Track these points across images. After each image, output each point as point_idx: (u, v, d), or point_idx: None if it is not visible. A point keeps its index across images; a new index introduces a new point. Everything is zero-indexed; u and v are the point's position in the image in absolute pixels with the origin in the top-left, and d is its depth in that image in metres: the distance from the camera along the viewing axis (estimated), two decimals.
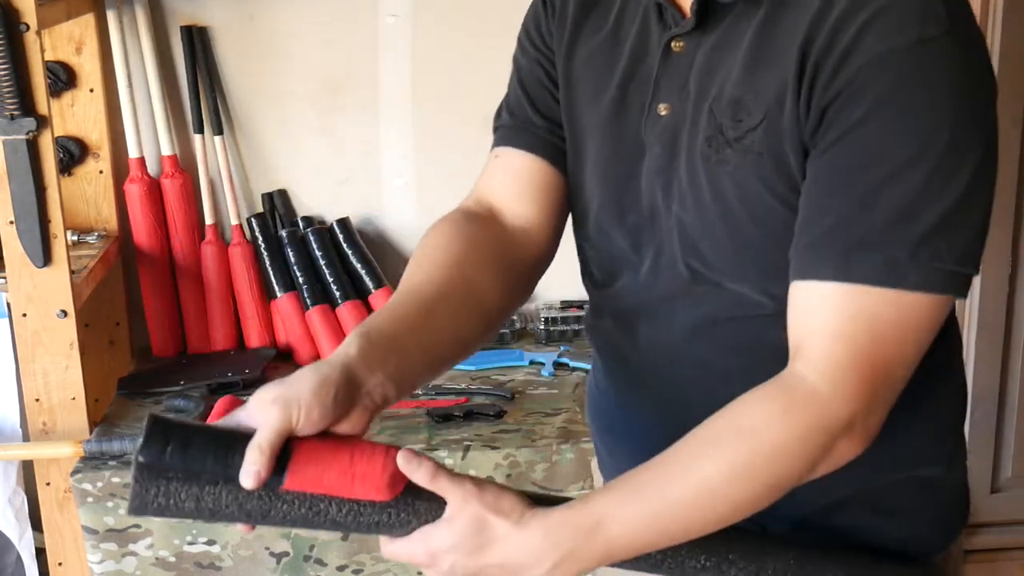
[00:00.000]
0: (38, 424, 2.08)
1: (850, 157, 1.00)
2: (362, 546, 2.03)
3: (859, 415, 1.00)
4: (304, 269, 2.43)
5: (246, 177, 2.52)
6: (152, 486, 1.02)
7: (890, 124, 0.99)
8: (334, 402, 1.02)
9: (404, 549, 1.05)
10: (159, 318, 2.46)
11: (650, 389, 1.21)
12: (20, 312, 2.03)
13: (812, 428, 1.00)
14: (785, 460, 1.01)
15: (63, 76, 2.35)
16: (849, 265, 1.00)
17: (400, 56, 2.48)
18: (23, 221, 1.97)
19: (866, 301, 0.99)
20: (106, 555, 2.00)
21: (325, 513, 1.03)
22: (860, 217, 1.00)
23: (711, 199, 1.09)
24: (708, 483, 1.01)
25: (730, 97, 1.07)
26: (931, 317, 1.02)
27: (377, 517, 1.04)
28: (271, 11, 2.44)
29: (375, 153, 2.53)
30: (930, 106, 0.99)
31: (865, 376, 1.00)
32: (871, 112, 0.99)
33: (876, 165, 0.99)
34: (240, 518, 1.03)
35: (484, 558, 1.03)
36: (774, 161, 1.05)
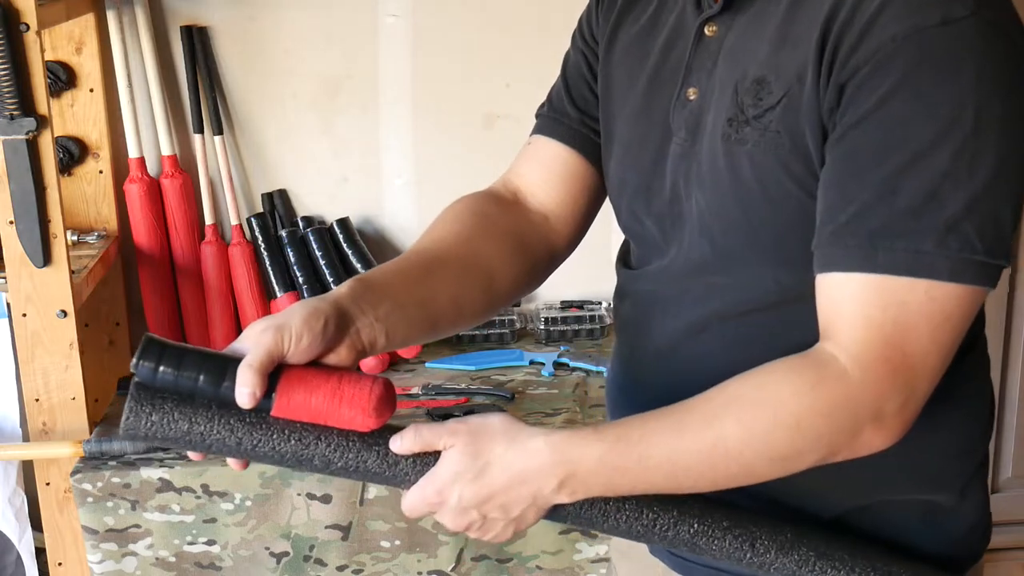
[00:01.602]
0: (38, 424, 2.08)
1: (870, 140, 0.98)
2: (362, 546, 2.03)
3: (889, 403, 0.99)
4: (304, 269, 2.43)
5: (246, 177, 2.52)
6: (147, 404, 1.04)
7: (911, 105, 0.96)
8: (323, 332, 1.04)
9: (415, 496, 1.06)
10: (159, 318, 2.46)
11: (653, 381, 1.20)
12: (20, 312, 2.03)
13: (838, 407, 0.99)
14: (805, 435, 1.00)
15: (63, 76, 2.35)
16: (876, 255, 0.97)
17: (400, 56, 2.48)
18: (23, 221, 1.97)
19: (896, 291, 0.97)
20: (106, 555, 2.00)
21: (315, 447, 1.04)
22: (883, 203, 0.97)
23: (728, 180, 1.07)
24: (724, 442, 1.00)
25: (754, 77, 1.05)
26: (963, 308, 0.99)
27: (366, 455, 1.05)
28: (271, 11, 2.44)
29: (375, 153, 2.53)
30: (953, 87, 0.96)
31: (896, 364, 0.98)
32: (891, 92, 0.96)
33: (897, 148, 0.97)
34: (231, 446, 1.05)
35: (487, 482, 1.03)
36: (791, 140, 1.03)
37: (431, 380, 2.26)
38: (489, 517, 1.06)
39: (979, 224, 0.97)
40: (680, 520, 1.09)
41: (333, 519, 2.02)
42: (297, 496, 2.00)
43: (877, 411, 0.99)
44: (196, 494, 1.99)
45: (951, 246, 0.96)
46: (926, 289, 0.97)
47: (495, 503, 1.04)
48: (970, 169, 0.96)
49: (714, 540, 1.09)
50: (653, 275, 1.19)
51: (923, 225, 0.96)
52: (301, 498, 2.00)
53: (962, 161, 0.96)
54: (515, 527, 1.07)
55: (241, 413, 1.04)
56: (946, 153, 0.96)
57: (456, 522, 1.07)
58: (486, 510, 1.05)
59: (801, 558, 1.09)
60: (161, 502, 1.99)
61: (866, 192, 0.98)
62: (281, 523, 2.01)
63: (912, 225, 0.97)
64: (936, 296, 0.97)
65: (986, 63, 0.96)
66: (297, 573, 2.04)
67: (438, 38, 2.48)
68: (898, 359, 0.98)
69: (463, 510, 1.05)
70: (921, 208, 0.96)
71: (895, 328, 0.97)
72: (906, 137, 0.96)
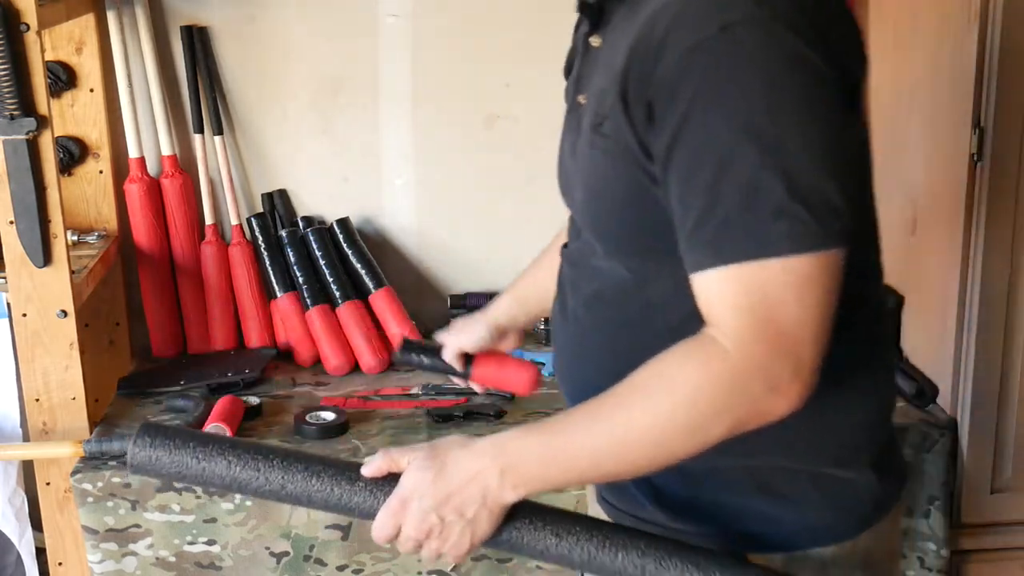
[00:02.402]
0: (38, 424, 2.08)
1: (686, 154, 1.08)
2: (362, 546, 2.03)
3: (777, 372, 1.08)
4: (304, 269, 2.43)
5: (246, 177, 2.52)
6: (151, 440, 1.26)
7: (709, 114, 1.06)
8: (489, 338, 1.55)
9: (382, 516, 1.18)
10: (159, 318, 2.46)
11: (565, 347, 1.34)
12: (20, 312, 2.03)
13: (728, 382, 1.09)
14: (704, 409, 1.09)
15: (63, 76, 2.35)
16: (723, 250, 1.07)
17: (400, 56, 2.48)
18: (23, 221, 1.97)
19: (752, 275, 1.07)
20: (106, 555, 2.00)
21: (302, 482, 1.20)
22: (716, 206, 1.07)
23: (586, 178, 1.22)
24: (634, 426, 1.11)
25: (601, 87, 1.17)
26: (819, 274, 1.07)
27: (341, 487, 1.20)
28: (271, 11, 2.44)
29: (375, 153, 2.53)
30: (743, 88, 1.05)
31: (771, 337, 1.07)
32: (691, 106, 1.06)
33: (710, 155, 1.06)
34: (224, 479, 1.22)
35: (445, 483, 1.15)
36: (618, 146, 1.14)
37: (431, 380, 2.26)
38: (447, 520, 1.16)
39: (804, 201, 1.05)
40: (606, 546, 1.19)
41: (333, 519, 2.02)
42: None
43: (768, 381, 1.08)
44: (196, 494, 1.99)
45: (782, 226, 1.05)
46: (779, 267, 1.06)
47: (451, 505, 1.15)
48: (778, 156, 1.05)
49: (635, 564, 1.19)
50: (567, 257, 1.35)
51: (755, 215, 1.06)
52: None
53: (769, 152, 1.05)
54: (471, 533, 1.16)
55: (235, 451, 1.20)
56: (754, 149, 1.05)
57: (418, 528, 1.16)
58: (444, 512, 1.16)
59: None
60: (161, 502, 1.99)
61: (699, 200, 1.08)
62: (281, 523, 2.01)
63: (745, 217, 1.06)
64: (790, 269, 1.06)
65: (769, 59, 1.05)
66: (297, 573, 2.04)
67: (438, 38, 2.48)
68: (772, 333, 1.07)
69: (424, 514, 1.16)
70: (748, 201, 1.06)
71: (762, 307, 1.07)
72: (714, 144, 1.06)
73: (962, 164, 2.04)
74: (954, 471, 2.11)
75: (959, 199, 2.06)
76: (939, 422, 2.11)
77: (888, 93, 2.37)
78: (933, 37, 2.14)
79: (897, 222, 2.35)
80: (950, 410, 2.13)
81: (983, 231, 2.01)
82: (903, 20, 2.27)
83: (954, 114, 2.06)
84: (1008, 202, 2.00)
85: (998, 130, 1.96)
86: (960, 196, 2.06)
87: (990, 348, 2.06)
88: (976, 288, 2.04)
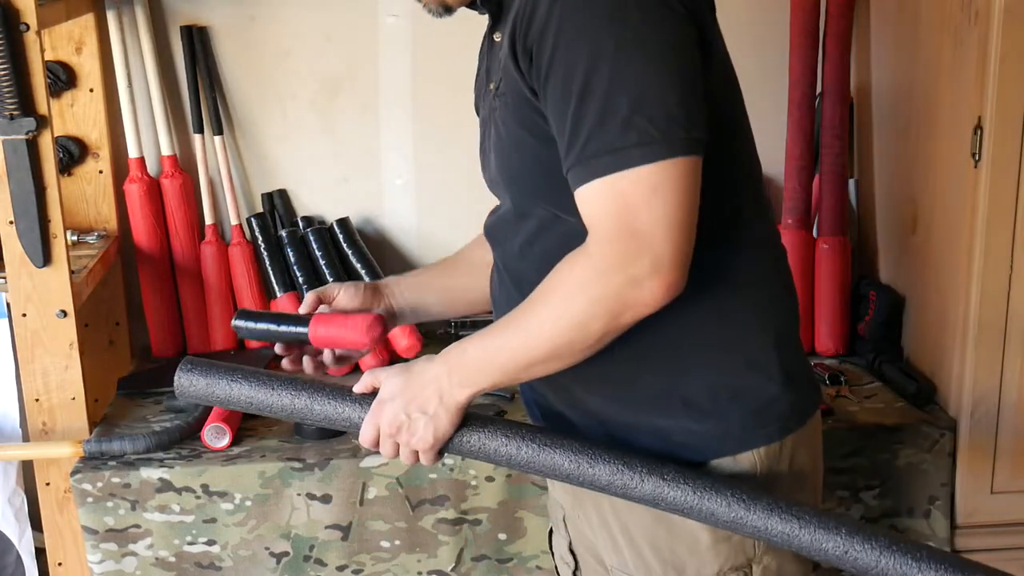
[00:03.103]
0: (38, 424, 2.08)
1: (554, 87, 1.28)
2: (362, 546, 2.03)
3: (635, 267, 1.26)
4: (304, 269, 2.43)
5: (246, 177, 2.53)
6: (194, 369, 1.52)
7: (567, 52, 1.26)
8: (358, 291, 1.59)
9: (366, 420, 1.42)
10: (159, 318, 2.47)
11: (505, 292, 1.51)
12: (20, 312, 2.03)
13: (593, 277, 1.28)
14: (579, 301, 1.29)
15: (63, 76, 2.35)
16: (588, 167, 1.27)
17: (400, 56, 2.48)
18: (23, 221, 1.97)
19: (611, 186, 1.26)
20: (106, 555, 2.00)
21: (307, 402, 1.45)
22: (579, 128, 1.26)
23: (496, 142, 1.43)
24: (538, 321, 1.33)
25: (500, 63, 1.40)
26: (671, 180, 1.25)
27: (341, 406, 1.44)
28: (271, 11, 2.44)
29: (375, 153, 2.53)
30: (588, 31, 1.25)
31: (624, 236, 1.26)
32: (554, 48, 1.27)
33: (570, 85, 1.26)
34: (249, 402, 1.47)
35: (408, 389, 1.40)
36: (515, 100, 1.36)
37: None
38: (412, 417, 1.40)
39: (649, 114, 1.24)
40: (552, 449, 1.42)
41: (333, 519, 2.02)
42: (297, 496, 2.00)
43: (628, 275, 1.26)
44: (196, 494, 1.99)
45: (631, 138, 1.24)
46: (630, 176, 1.25)
47: (415, 404, 1.40)
48: (623, 79, 1.24)
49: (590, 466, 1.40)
50: (494, 221, 1.53)
51: (608, 131, 1.25)
52: (301, 498, 2.00)
53: (616, 75, 1.24)
54: (433, 428, 1.39)
55: (258, 380, 1.47)
56: (603, 74, 1.25)
57: (391, 424, 1.40)
58: (410, 410, 1.40)
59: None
60: (161, 502, 1.99)
61: (567, 125, 1.28)
62: (281, 523, 2.01)
63: (601, 134, 1.25)
64: (641, 178, 1.25)
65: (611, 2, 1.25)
66: (297, 573, 2.04)
67: (438, 38, 2.47)
68: (627, 233, 1.26)
69: (395, 413, 1.40)
70: (602, 120, 1.25)
71: (619, 213, 1.26)
72: (572, 77, 1.26)
73: (962, 164, 2.04)
74: (954, 471, 2.11)
75: (959, 199, 2.06)
76: (939, 422, 2.11)
77: (888, 93, 2.37)
78: (933, 37, 2.14)
79: (897, 222, 2.35)
80: (950, 410, 2.13)
81: (983, 231, 2.01)
82: (903, 20, 2.27)
83: (954, 114, 2.07)
84: (1008, 202, 2.00)
85: (998, 130, 1.96)
86: (960, 196, 2.06)
87: (990, 348, 2.06)
88: (976, 288, 2.04)
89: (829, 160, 2.40)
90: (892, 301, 2.34)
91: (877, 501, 2.11)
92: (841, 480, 2.09)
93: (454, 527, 2.04)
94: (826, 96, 2.40)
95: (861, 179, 2.51)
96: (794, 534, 1.36)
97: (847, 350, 2.41)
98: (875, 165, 2.44)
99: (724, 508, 1.36)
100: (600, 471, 1.39)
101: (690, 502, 1.37)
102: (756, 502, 1.36)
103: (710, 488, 1.37)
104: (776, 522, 1.36)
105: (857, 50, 2.44)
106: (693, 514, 1.38)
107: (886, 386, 2.26)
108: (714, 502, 1.37)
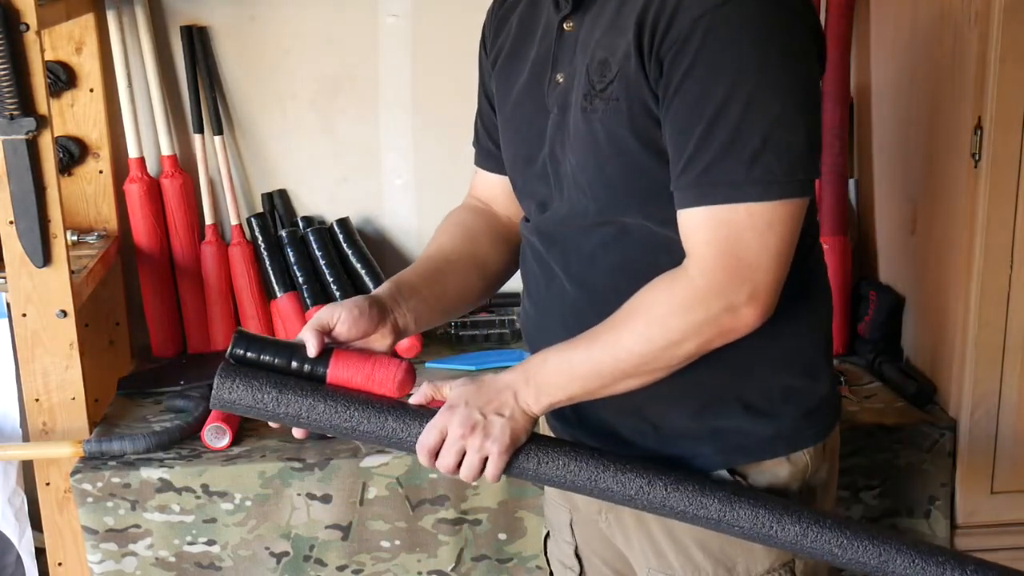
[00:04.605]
0: (38, 424, 2.08)
1: (685, 104, 1.27)
2: (362, 546, 2.03)
3: (734, 295, 1.28)
4: (304, 269, 2.43)
5: (246, 177, 2.52)
6: (233, 377, 1.40)
7: (707, 73, 1.25)
8: (361, 315, 1.43)
9: (428, 426, 1.37)
10: (159, 318, 2.46)
11: (563, 304, 1.47)
12: (20, 312, 2.03)
13: (690, 302, 1.29)
14: (672, 326, 1.30)
15: (63, 76, 2.35)
16: (703, 192, 1.27)
17: (400, 56, 2.48)
18: (23, 221, 1.97)
19: (723, 216, 1.27)
20: (106, 555, 2.00)
21: (357, 422, 1.38)
22: (702, 151, 1.26)
23: (588, 143, 1.36)
24: (623, 343, 1.32)
25: (598, 59, 1.34)
26: (781, 218, 1.27)
27: (395, 425, 1.38)
28: (271, 11, 2.44)
29: (375, 153, 2.53)
30: (735, 53, 1.24)
31: (730, 267, 1.27)
32: (692, 64, 1.25)
33: (703, 107, 1.25)
34: (292, 415, 1.38)
35: (483, 393, 1.37)
36: (628, 104, 1.31)
37: (431, 380, 2.25)
38: (489, 417, 1.36)
39: (776, 153, 1.25)
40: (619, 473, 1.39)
41: (333, 519, 2.02)
42: (297, 496, 2.00)
43: (727, 302, 1.28)
44: (196, 494, 1.99)
45: (756, 174, 1.25)
46: (746, 210, 1.26)
47: (492, 406, 1.36)
48: (758, 115, 1.24)
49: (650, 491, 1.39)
50: (545, 223, 1.48)
51: (733, 162, 1.25)
52: (301, 498, 2.00)
53: (753, 109, 1.24)
54: (511, 430, 1.36)
55: (302, 391, 1.37)
56: (739, 105, 1.24)
57: (464, 425, 1.35)
58: (486, 411, 1.36)
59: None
60: (161, 502, 1.99)
61: (690, 144, 1.27)
62: (281, 523, 2.01)
63: (725, 164, 1.25)
64: (754, 213, 1.26)
65: (761, 29, 1.24)
66: (297, 573, 2.04)
67: (438, 38, 2.48)
68: (733, 263, 1.27)
69: (469, 413, 1.36)
70: (728, 149, 1.25)
71: (727, 242, 1.27)
72: (707, 98, 1.25)
73: (962, 164, 2.04)
74: (954, 471, 2.11)
75: (959, 199, 2.06)
76: (939, 422, 2.11)
77: (888, 93, 2.37)
78: (933, 37, 2.14)
79: (897, 222, 2.35)
80: (950, 410, 2.13)
81: (983, 231, 2.01)
82: (903, 20, 2.27)
83: (954, 114, 2.06)
84: (1008, 202, 2.00)
85: (998, 130, 1.96)
86: (960, 196, 2.06)
87: (990, 348, 2.06)
88: (976, 288, 2.04)
89: (829, 160, 2.40)
90: (892, 301, 2.34)
91: (877, 501, 2.11)
92: (841, 480, 2.07)
93: (454, 527, 2.04)
94: (826, 96, 2.40)
95: (861, 179, 2.51)
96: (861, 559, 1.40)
97: (847, 350, 2.41)
98: (875, 165, 2.44)
99: (798, 532, 1.38)
100: (672, 497, 1.39)
101: (758, 528, 1.38)
102: (823, 525, 1.39)
103: (781, 512, 1.38)
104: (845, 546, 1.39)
105: (857, 50, 2.44)
106: (760, 539, 1.40)
107: (886, 386, 2.26)
108: (786, 526, 1.38)
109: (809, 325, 1.45)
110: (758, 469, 1.44)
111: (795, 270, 1.35)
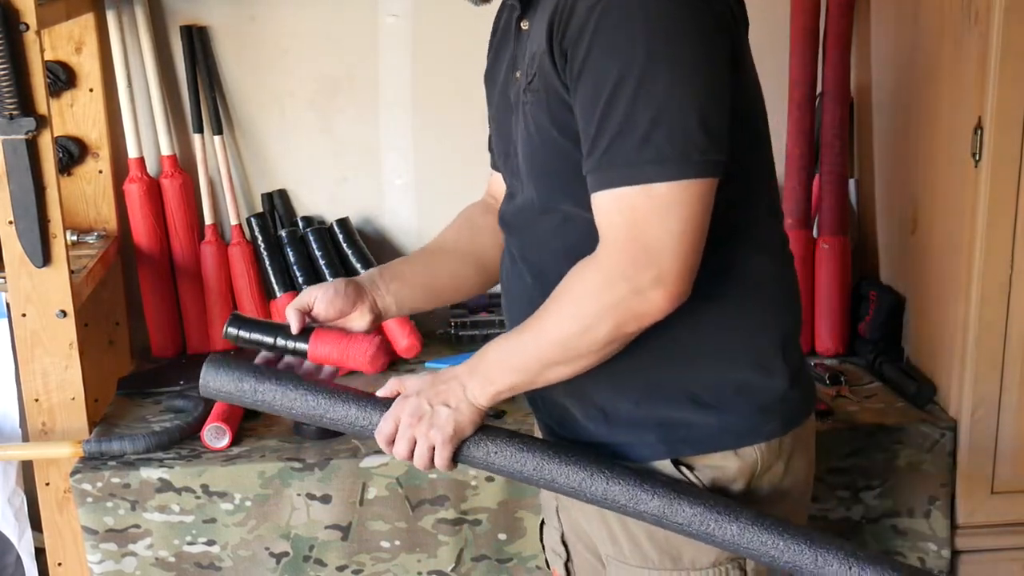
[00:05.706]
0: (38, 424, 2.08)
1: (584, 91, 1.30)
2: (362, 546, 2.03)
3: (640, 278, 1.30)
4: (304, 269, 2.43)
5: (246, 177, 2.52)
6: (219, 367, 1.47)
7: (600, 58, 1.28)
8: (337, 295, 1.53)
9: (386, 415, 1.43)
10: (159, 318, 2.46)
11: (523, 292, 1.52)
12: (19, 312, 2.03)
13: (599, 286, 1.32)
14: (585, 309, 1.33)
15: (63, 76, 2.35)
16: (604, 176, 1.30)
17: (400, 56, 2.48)
18: (22, 221, 1.97)
19: (624, 198, 1.29)
20: (106, 555, 2.00)
21: (324, 410, 1.45)
22: (601, 135, 1.29)
23: (525, 135, 1.43)
24: (544, 329, 1.37)
25: (531, 53, 1.40)
26: (683, 199, 1.28)
27: (358, 413, 1.44)
28: (271, 11, 2.44)
29: (375, 153, 2.53)
30: (623, 40, 1.27)
31: (633, 249, 1.29)
32: (588, 52, 1.29)
33: (599, 92, 1.28)
34: (272, 399, 1.46)
35: (431, 385, 1.43)
36: (547, 95, 1.37)
37: None
38: (435, 407, 1.41)
39: (666, 134, 1.26)
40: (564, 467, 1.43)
41: (333, 519, 2.02)
42: (297, 496, 2.00)
43: (633, 285, 1.30)
44: (196, 494, 1.99)
45: (648, 155, 1.27)
46: (644, 192, 1.28)
47: (439, 397, 1.41)
48: (649, 93, 1.26)
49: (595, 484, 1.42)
50: (508, 214, 1.54)
51: (626, 143, 1.28)
52: (301, 498, 2.00)
53: (642, 91, 1.26)
54: (455, 421, 1.41)
55: (279, 381, 1.46)
56: (630, 88, 1.26)
57: (412, 414, 1.41)
58: (433, 402, 1.41)
59: None
60: (161, 502, 1.99)
61: (591, 129, 1.30)
62: (281, 523, 2.01)
63: (620, 145, 1.28)
64: (654, 195, 1.28)
65: (652, 12, 1.26)
66: (297, 573, 2.04)
67: (438, 38, 2.48)
68: (635, 246, 1.29)
69: (418, 403, 1.41)
70: (623, 131, 1.27)
71: (630, 225, 1.29)
72: (602, 83, 1.28)
73: (962, 164, 2.04)
74: (954, 471, 2.11)
75: (959, 199, 2.06)
76: (939, 422, 2.11)
77: (888, 93, 2.37)
78: (933, 37, 2.14)
79: (897, 222, 2.35)
80: (950, 410, 2.13)
81: (983, 231, 2.01)
82: (903, 20, 2.27)
83: (954, 114, 2.06)
84: (1008, 202, 2.00)
85: (998, 130, 1.96)
86: (960, 196, 2.06)
87: (990, 348, 2.06)
88: (976, 288, 2.04)
89: (829, 160, 2.40)
90: (892, 301, 2.34)
91: (877, 501, 2.11)
92: (841, 480, 2.09)
93: (454, 527, 2.04)
94: (826, 96, 2.40)
95: (861, 179, 2.51)
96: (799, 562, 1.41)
97: (847, 350, 2.41)
98: (875, 165, 2.44)
99: (735, 532, 1.40)
100: (613, 491, 1.42)
101: (696, 526, 1.40)
102: (763, 525, 1.40)
103: (720, 511, 1.40)
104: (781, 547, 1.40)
105: (857, 50, 2.44)
106: (699, 536, 1.41)
107: (886, 386, 2.26)
108: (724, 526, 1.40)
109: (755, 318, 1.45)
110: (704, 462, 1.45)
111: (735, 255, 1.39)
